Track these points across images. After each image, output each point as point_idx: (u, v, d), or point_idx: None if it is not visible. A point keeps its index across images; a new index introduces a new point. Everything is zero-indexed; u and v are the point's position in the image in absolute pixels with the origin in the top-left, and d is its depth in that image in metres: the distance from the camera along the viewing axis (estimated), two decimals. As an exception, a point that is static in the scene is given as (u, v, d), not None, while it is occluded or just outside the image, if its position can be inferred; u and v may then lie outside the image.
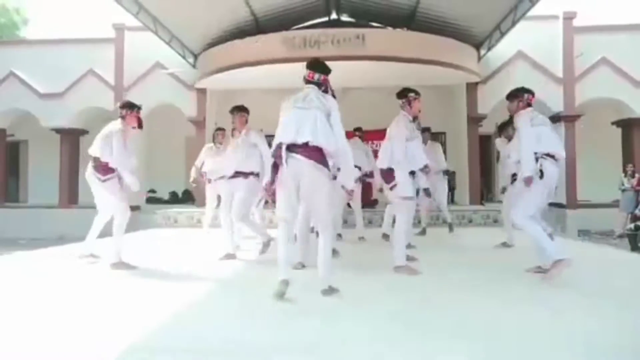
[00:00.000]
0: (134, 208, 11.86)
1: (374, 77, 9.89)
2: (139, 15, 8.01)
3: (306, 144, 3.02)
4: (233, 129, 4.92)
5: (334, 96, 3.32)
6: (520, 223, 3.68)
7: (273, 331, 2.50)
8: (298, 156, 3.03)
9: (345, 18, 10.99)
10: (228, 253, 4.83)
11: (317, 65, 3.34)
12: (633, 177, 9.95)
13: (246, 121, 4.81)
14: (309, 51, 8.76)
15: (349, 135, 6.01)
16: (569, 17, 10.83)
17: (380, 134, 6.21)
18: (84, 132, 12.37)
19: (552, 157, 3.70)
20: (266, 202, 5.83)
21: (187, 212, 9.27)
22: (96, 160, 4.40)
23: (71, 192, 11.99)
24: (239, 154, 4.74)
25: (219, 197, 6.06)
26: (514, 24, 8.58)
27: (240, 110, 4.81)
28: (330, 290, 3.12)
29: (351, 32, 9.01)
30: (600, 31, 11.10)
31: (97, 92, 11.40)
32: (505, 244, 5.52)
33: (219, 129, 6.99)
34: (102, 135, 4.43)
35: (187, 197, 12.63)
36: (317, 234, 3.27)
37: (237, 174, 4.73)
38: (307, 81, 3.31)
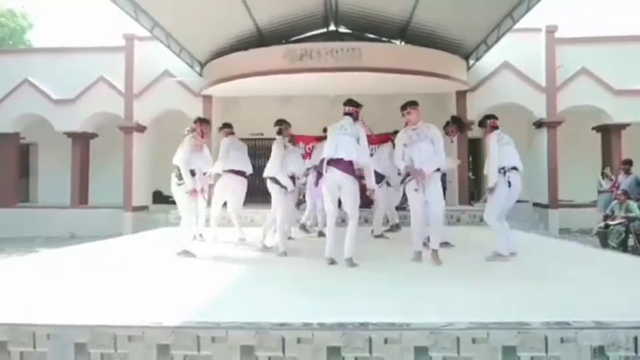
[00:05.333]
0: (142, 208, 12.56)
1: (370, 87, 10.60)
2: (154, 30, 8.66)
3: (341, 159, 4.41)
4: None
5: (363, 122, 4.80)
6: (489, 221, 4.79)
7: (303, 299, 3.21)
8: (334, 168, 4.43)
9: (342, 30, 11.69)
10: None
11: (349, 102, 4.80)
12: (610, 179, 10.59)
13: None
14: (309, 63, 9.46)
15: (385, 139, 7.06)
16: (551, 30, 11.59)
17: (373, 139, 6.93)
18: (94, 135, 13.01)
19: (516, 169, 4.75)
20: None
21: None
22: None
23: (82, 193, 12.61)
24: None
25: None
26: (498, 39, 9.33)
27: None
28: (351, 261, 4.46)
29: (349, 45, 9.70)
30: (580, 43, 11.87)
31: (108, 98, 12.02)
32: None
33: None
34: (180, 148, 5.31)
35: (191, 198, 13.26)
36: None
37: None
38: (344, 113, 4.75)
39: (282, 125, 5.65)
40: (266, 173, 5.48)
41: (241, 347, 2.53)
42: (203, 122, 5.54)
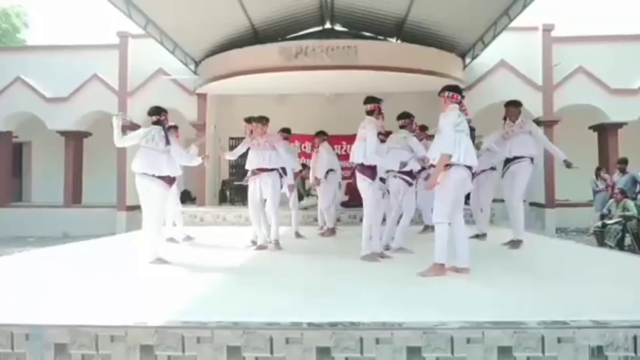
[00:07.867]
0: (136, 207, 12.44)
1: (366, 85, 10.49)
2: (147, 27, 8.56)
3: None
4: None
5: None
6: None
7: (297, 300, 3.13)
8: None
9: (338, 28, 11.60)
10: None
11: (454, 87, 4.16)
12: (604, 180, 10.50)
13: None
14: (304, 60, 9.37)
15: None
16: (547, 29, 11.54)
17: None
18: (87, 134, 12.89)
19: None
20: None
21: (190, 211, 9.82)
22: None
23: (75, 192, 12.49)
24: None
25: None
26: (494, 37, 9.28)
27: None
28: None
29: (344, 43, 9.61)
30: (577, 42, 11.83)
31: (101, 97, 11.89)
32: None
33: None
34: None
35: (186, 197, 13.17)
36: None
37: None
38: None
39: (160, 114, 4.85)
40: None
41: (228, 347, 2.45)
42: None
